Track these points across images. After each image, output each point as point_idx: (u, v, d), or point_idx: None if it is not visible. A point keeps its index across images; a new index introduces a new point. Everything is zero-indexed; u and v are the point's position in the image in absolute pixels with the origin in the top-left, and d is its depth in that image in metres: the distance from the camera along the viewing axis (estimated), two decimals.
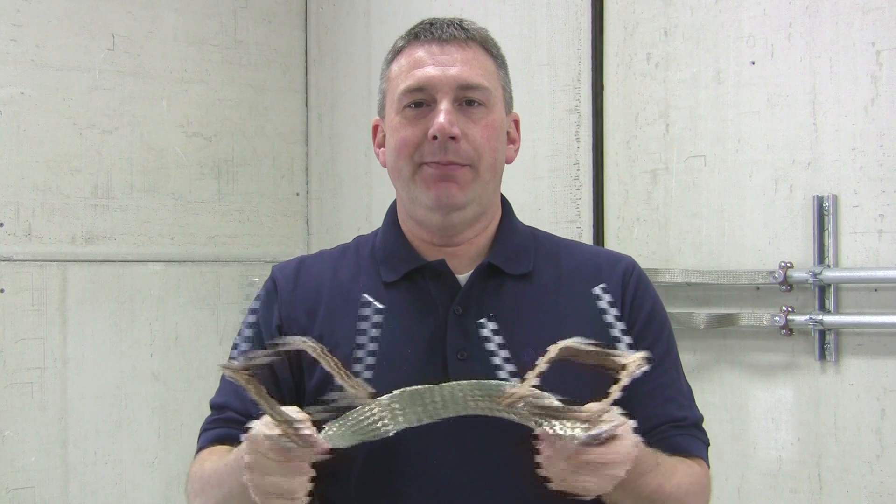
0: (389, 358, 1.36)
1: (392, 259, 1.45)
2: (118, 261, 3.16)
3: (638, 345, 1.39)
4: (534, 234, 1.53)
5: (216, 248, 3.35)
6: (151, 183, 3.23)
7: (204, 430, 1.47)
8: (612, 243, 2.64)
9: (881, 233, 2.19)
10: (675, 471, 1.35)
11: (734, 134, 2.43)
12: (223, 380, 1.46)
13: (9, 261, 2.98)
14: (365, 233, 1.58)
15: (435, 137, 1.36)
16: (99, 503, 3.09)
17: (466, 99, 1.38)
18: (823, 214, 2.26)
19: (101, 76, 3.14)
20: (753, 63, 2.40)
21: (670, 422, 1.42)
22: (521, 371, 1.32)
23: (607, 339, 1.37)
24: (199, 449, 1.44)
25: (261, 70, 3.47)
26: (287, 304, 1.45)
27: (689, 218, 2.51)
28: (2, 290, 2.97)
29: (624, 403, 1.25)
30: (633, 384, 1.30)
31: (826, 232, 2.25)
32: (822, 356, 2.26)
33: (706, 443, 1.48)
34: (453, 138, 1.36)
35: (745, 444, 2.40)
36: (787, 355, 2.34)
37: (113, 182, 3.16)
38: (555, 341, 1.36)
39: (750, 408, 2.40)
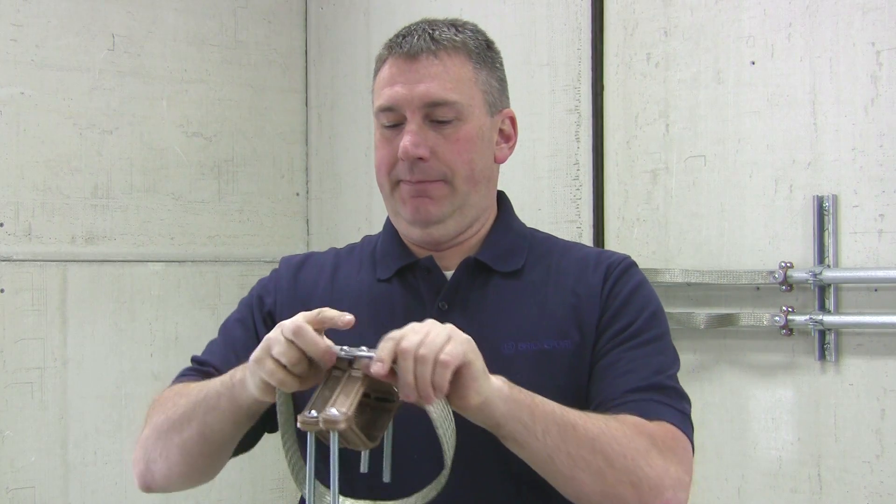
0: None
1: (387, 257, 1.48)
2: (118, 261, 3.16)
3: (611, 324, 1.40)
4: (532, 234, 1.53)
5: (216, 248, 3.35)
6: (151, 183, 3.23)
7: (180, 375, 1.53)
8: (612, 243, 2.64)
9: (881, 233, 2.19)
10: (597, 417, 1.29)
11: (734, 134, 2.43)
12: (210, 343, 1.56)
13: (9, 261, 2.98)
14: (364, 232, 1.60)
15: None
16: (99, 503, 3.09)
17: (434, 117, 1.39)
18: (823, 214, 2.26)
19: (101, 76, 3.14)
20: (753, 63, 2.40)
21: (627, 391, 1.36)
22: (503, 364, 1.33)
23: (586, 332, 1.39)
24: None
25: (261, 70, 3.46)
26: (283, 292, 1.51)
27: (689, 218, 2.51)
28: (2, 290, 2.97)
29: (589, 379, 1.31)
30: (597, 359, 1.36)
31: (826, 232, 2.26)
32: (822, 356, 2.26)
33: (676, 407, 1.38)
34: (421, 158, 1.38)
35: (745, 444, 2.40)
36: (787, 355, 2.34)
37: (113, 182, 3.16)
38: (536, 335, 1.38)
39: (750, 408, 2.40)
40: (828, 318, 2.24)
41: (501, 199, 1.54)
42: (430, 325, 1.18)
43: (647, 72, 2.59)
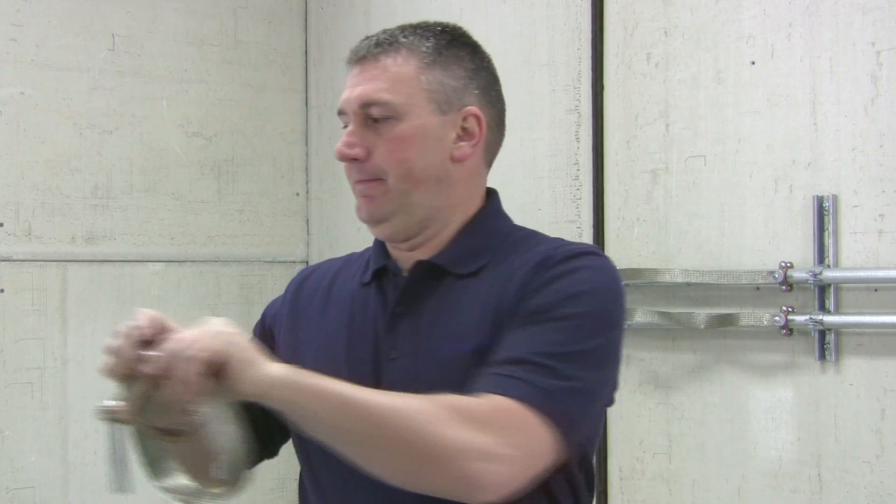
0: (335, 355, 1.43)
1: (370, 260, 1.51)
2: (118, 261, 3.16)
3: (522, 308, 1.34)
4: (511, 232, 1.49)
5: (216, 248, 3.35)
6: (151, 183, 3.23)
7: None
8: (612, 243, 2.64)
9: (881, 233, 2.19)
10: (399, 396, 1.25)
11: (734, 134, 2.43)
12: None
13: (9, 261, 2.98)
14: (364, 233, 1.60)
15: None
16: (99, 503, 3.09)
17: (371, 116, 1.42)
18: (823, 214, 2.26)
19: (101, 76, 3.14)
20: (753, 63, 2.40)
21: (491, 364, 1.31)
22: (448, 366, 1.35)
23: (506, 325, 1.36)
24: None
25: (261, 70, 3.46)
26: (286, 306, 1.55)
27: (689, 218, 2.51)
28: (2, 290, 2.97)
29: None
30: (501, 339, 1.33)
31: (826, 232, 2.26)
32: (822, 356, 2.26)
33: (528, 381, 1.28)
34: (356, 159, 1.43)
35: (745, 444, 2.40)
36: (787, 355, 2.34)
37: (113, 182, 3.16)
38: (474, 335, 1.36)
39: (750, 408, 2.40)
40: (828, 318, 2.24)
41: (490, 197, 1.51)
42: (207, 323, 1.23)
43: (647, 72, 2.59)
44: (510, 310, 1.36)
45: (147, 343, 1.22)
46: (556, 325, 1.33)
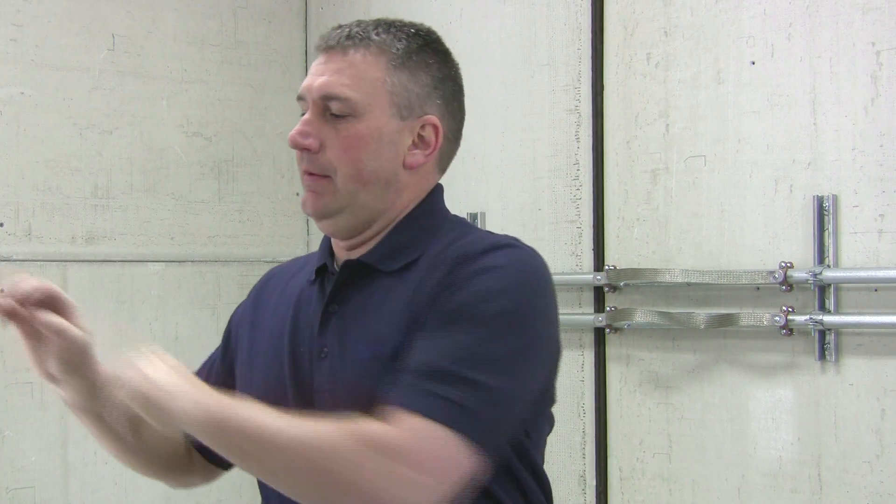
0: (280, 351, 1.44)
1: (317, 258, 1.51)
2: (118, 261, 3.16)
3: (441, 299, 1.32)
4: (438, 226, 1.45)
5: (216, 248, 3.35)
6: (151, 183, 3.23)
7: None
8: (612, 243, 2.64)
9: (881, 233, 2.19)
10: (269, 413, 1.24)
11: (734, 134, 2.43)
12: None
13: (9, 261, 2.98)
14: None
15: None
16: (99, 503, 3.09)
17: (330, 109, 1.40)
18: (823, 214, 2.26)
19: (101, 76, 3.14)
20: (753, 63, 2.40)
21: (404, 369, 1.28)
22: (362, 369, 1.33)
23: (427, 324, 1.32)
24: None
25: (261, 70, 3.46)
26: (248, 304, 1.58)
27: (689, 218, 2.51)
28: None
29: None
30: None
31: (826, 232, 2.26)
32: (822, 356, 2.26)
33: (441, 395, 1.24)
34: (309, 149, 1.40)
35: (745, 444, 2.40)
36: (787, 355, 2.34)
37: (113, 182, 3.16)
38: (387, 338, 1.33)
39: (750, 408, 2.40)
40: (828, 318, 2.24)
41: (429, 194, 1.48)
42: None
43: (647, 72, 2.59)
44: (425, 309, 1.32)
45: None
46: (469, 327, 1.29)
